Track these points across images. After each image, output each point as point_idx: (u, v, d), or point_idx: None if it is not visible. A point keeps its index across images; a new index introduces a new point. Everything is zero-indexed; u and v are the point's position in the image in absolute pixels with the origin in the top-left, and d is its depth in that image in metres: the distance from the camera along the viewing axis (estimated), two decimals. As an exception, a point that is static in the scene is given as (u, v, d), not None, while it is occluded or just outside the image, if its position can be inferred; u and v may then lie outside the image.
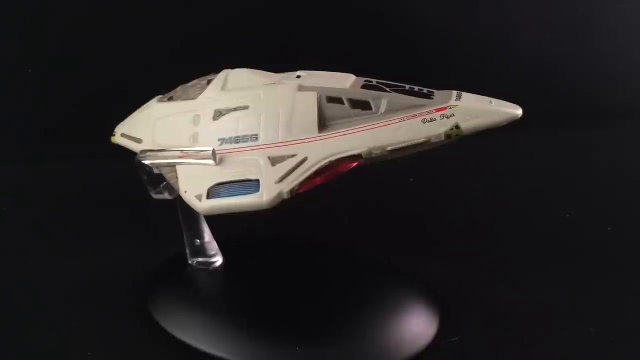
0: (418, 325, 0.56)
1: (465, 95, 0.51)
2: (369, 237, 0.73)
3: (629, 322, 0.59)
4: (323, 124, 0.51)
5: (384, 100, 0.50)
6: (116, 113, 0.61)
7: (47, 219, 0.81)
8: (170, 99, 0.58)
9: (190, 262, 0.63)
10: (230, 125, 0.53)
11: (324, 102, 0.51)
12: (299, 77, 0.54)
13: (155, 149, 0.56)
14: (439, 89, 0.53)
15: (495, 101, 0.50)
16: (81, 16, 0.99)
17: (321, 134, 0.51)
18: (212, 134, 0.54)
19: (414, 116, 0.49)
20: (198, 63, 0.62)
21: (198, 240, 0.62)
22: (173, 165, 0.54)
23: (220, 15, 1.01)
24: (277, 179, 0.50)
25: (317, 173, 0.50)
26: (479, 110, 0.49)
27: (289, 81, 0.54)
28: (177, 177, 0.54)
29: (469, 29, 1.07)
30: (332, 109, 0.51)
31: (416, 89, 0.52)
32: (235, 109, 0.54)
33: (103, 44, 0.99)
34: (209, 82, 0.57)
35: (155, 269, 0.65)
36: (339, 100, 0.51)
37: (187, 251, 0.62)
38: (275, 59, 0.62)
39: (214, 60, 0.61)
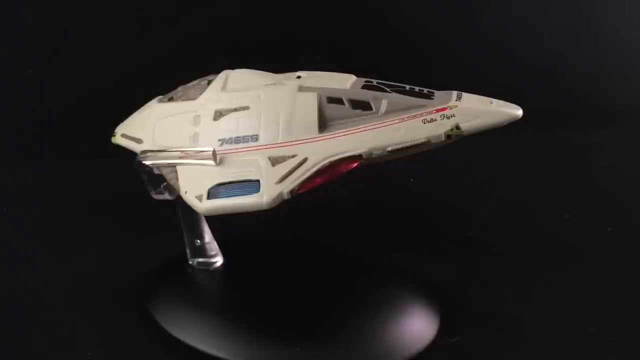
0: (418, 326, 0.56)
1: (465, 95, 0.51)
2: (369, 237, 0.73)
3: (629, 322, 0.59)
4: (323, 124, 0.51)
5: (384, 100, 0.50)
6: (116, 113, 0.61)
7: (47, 219, 0.81)
8: (171, 99, 0.58)
9: (190, 262, 0.63)
10: (231, 126, 0.53)
11: (324, 102, 0.51)
12: (299, 77, 0.54)
13: (156, 149, 0.56)
14: (439, 89, 0.53)
15: (495, 101, 0.50)
16: (81, 16, 0.98)
17: (321, 134, 0.51)
18: (212, 134, 0.54)
19: (414, 116, 0.49)
20: (198, 63, 0.62)
21: (198, 241, 0.62)
22: (173, 166, 0.54)
23: (220, 15, 1.01)
24: (277, 179, 0.50)
25: (317, 173, 0.50)
26: (479, 111, 0.49)
27: (289, 81, 0.54)
28: (177, 178, 0.54)
29: (469, 29, 1.07)
30: (332, 109, 0.51)
31: (416, 89, 0.52)
32: (236, 109, 0.54)
33: (103, 44, 0.99)
34: (209, 82, 0.57)
35: (155, 269, 0.65)
36: (339, 101, 0.51)
37: (187, 251, 0.62)
38: (275, 59, 0.62)
39: (214, 61, 0.61)
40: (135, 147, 0.57)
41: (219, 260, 0.63)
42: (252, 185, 0.50)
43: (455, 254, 0.70)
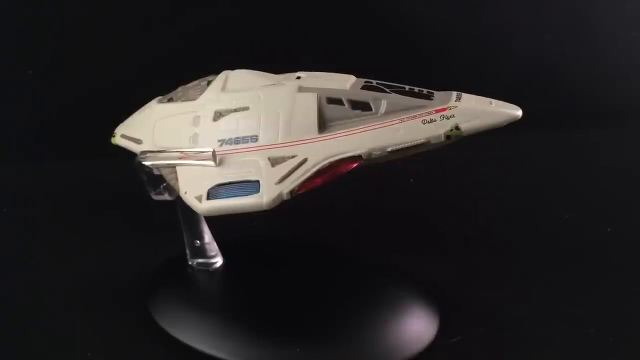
0: (418, 326, 0.56)
1: (465, 95, 0.51)
2: (369, 238, 0.73)
3: (629, 322, 0.59)
4: (323, 125, 0.51)
5: (383, 101, 0.51)
6: (116, 113, 0.61)
7: (47, 219, 0.81)
8: (170, 100, 0.58)
9: (190, 262, 0.63)
10: (230, 126, 0.53)
11: (324, 102, 0.51)
12: (298, 77, 0.54)
13: (155, 149, 0.56)
14: (439, 89, 0.53)
15: (495, 102, 0.50)
16: (81, 16, 0.99)
17: (321, 135, 0.51)
18: (211, 134, 0.54)
19: (414, 117, 0.49)
20: (198, 64, 0.62)
21: (198, 241, 0.62)
22: (173, 166, 0.54)
23: (220, 15, 1.01)
24: (277, 179, 0.50)
25: (317, 174, 0.50)
26: (478, 111, 0.49)
27: (288, 82, 0.54)
28: (177, 178, 0.54)
29: (469, 29, 1.07)
30: (331, 109, 0.51)
31: (416, 89, 0.52)
32: (235, 110, 0.54)
33: (103, 44, 0.99)
34: (209, 82, 0.57)
35: (155, 269, 0.65)
36: (338, 101, 0.51)
37: (187, 252, 0.62)
38: (275, 59, 0.62)
39: (213, 61, 0.61)
40: (135, 148, 0.57)
41: (218, 261, 0.63)
42: (251, 186, 0.50)
43: (454, 254, 0.70)
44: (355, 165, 0.50)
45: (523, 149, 1.00)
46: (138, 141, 0.58)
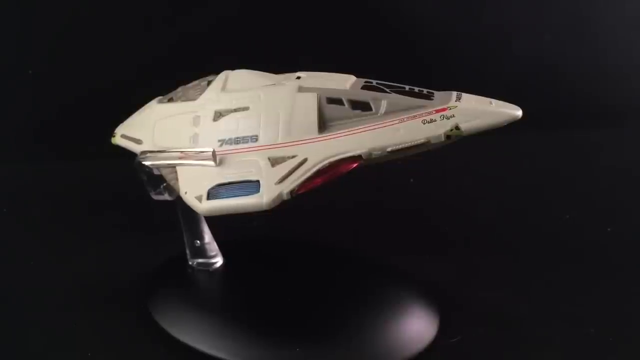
0: (418, 326, 0.56)
1: (465, 95, 0.51)
2: (369, 238, 0.73)
3: (629, 322, 0.59)
4: (323, 125, 0.51)
5: (383, 101, 0.51)
6: (116, 113, 0.61)
7: (47, 219, 0.81)
8: (170, 100, 0.58)
9: (190, 262, 0.63)
10: (230, 126, 0.53)
11: (324, 102, 0.51)
12: (298, 77, 0.54)
13: (155, 149, 0.56)
14: (439, 89, 0.53)
15: (495, 102, 0.50)
16: (81, 16, 0.99)
17: (321, 135, 0.51)
18: (212, 134, 0.54)
19: (414, 117, 0.50)
20: (198, 64, 0.62)
21: (198, 241, 0.62)
22: (173, 166, 0.54)
23: (219, 15, 1.01)
24: (277, 179, 0.50)
25: (317, 174, 0.50)
26: (478, 111, 0.49)
27: (288, 82, 0.54)
28: (177, 178, 0.54)
29: (469, 29, 1.07)
30: (332, 109, 0.51)
31: (416, 89, 0.52)
32: (235, 110, 0.54)
33: (103, 44, 0.99)
34: (209, 82, 0.57)
35: (155, 269, 0.65)
36: (338, 101, 0.51)
37: (187, 252, 0.62)
38: (275, 59, 0.62)
39: (213, 61, 0.61)
40: (135, 148, 0.57)
41: (218, 261, 0.63)
42: (252, 186, 0.50)
43: (454, 254, 0.70)
44: (355, 165, 0.50)
45: (523, 149, 1.00)
46: (138, 141, 0.58)
